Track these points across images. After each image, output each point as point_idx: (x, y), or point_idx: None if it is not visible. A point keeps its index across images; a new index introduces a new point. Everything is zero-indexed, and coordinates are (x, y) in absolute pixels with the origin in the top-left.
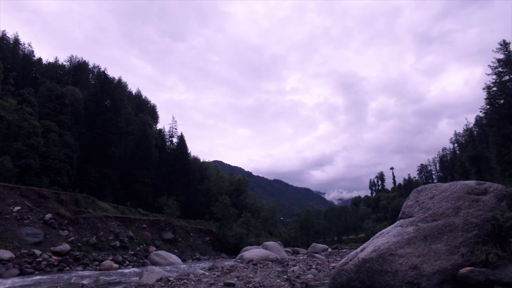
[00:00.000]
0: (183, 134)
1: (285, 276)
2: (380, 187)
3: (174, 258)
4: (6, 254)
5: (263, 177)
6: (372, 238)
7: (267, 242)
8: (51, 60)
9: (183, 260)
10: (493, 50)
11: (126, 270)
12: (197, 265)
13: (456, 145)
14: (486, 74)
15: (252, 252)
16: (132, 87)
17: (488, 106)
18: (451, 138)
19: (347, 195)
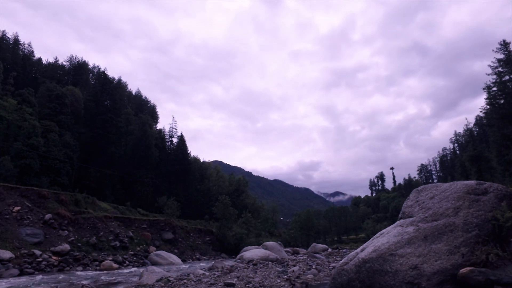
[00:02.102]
0: (183, 134)
1: (285, 276)
2: (380, 187)
3: (174, 258)
4: (6, 254)
5: (263, 177)
6: (372, 238)
7: (267, 242)
8: (51, 60)
9: (183, 260)
10: (493, 50)
11: (126, 270)
12: (197, 265)
13: (456, 145)
14: (486, 74)
15: (252, 252)
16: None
17: (488, 106)
18: (451, 138)
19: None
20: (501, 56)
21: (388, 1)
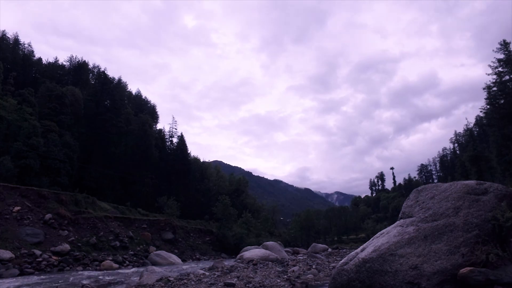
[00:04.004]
0: (183, 134)
1: (285, 276)
2: (380, 187)
3: (174, 258)
4: (6, 254)
5: (263, 177)
6: (372, 238)
7: (267, 242)
8: (51, 60)
9: (183, 260)
10: (493, 50)
11: (126, 270)
12: (197, 265)
13: (456, 145)
14: (486, 74)
15: (252, 252)
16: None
17: (488, 106)
18: (451, 138)
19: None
20: (501, 56)
21: (352, 59)
